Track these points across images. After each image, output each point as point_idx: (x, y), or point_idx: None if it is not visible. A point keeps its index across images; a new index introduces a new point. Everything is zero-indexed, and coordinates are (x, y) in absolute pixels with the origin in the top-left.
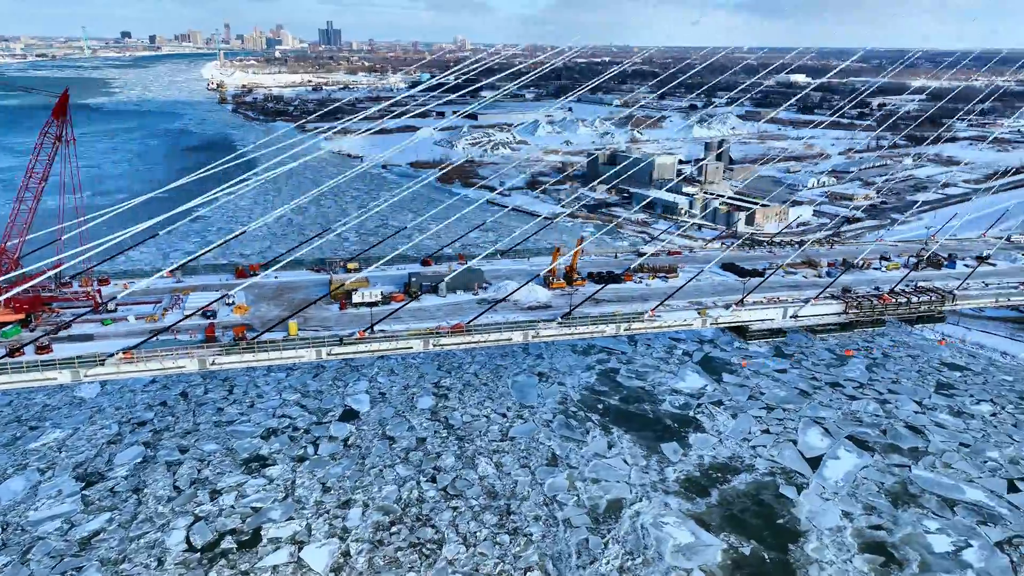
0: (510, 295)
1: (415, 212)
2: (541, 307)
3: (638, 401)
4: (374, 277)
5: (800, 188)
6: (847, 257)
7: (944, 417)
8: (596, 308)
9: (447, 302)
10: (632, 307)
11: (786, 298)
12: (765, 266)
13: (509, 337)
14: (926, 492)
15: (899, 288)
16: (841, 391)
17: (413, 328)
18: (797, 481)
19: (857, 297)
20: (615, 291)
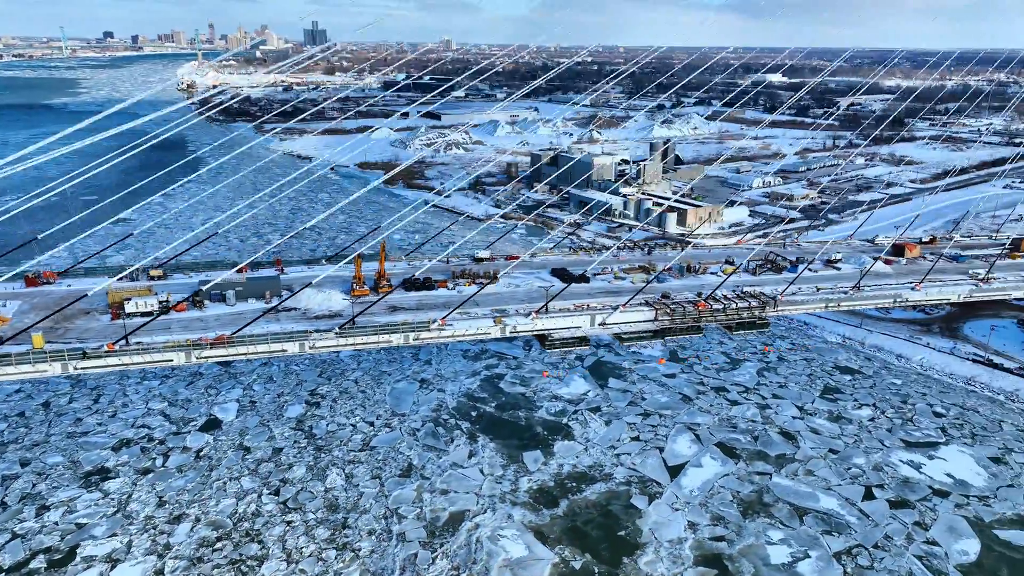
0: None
1: (347, 213)
2: (332, 316)
3: (514, 408)
4: (187, 286)
5: (744, 188)
6: (690, 261)
7: (821, 422)
8: (396, 316)
9: (233, 311)
10: (433, 315)
11: (596, 305)
12: (597, 271)
13: (283, 348)
14: (780, 501)
15: (722, 294)
16: (725, 396)
17: (174, 340)
18: (652, 491)
19: (670, 303)
20: (419, 299)
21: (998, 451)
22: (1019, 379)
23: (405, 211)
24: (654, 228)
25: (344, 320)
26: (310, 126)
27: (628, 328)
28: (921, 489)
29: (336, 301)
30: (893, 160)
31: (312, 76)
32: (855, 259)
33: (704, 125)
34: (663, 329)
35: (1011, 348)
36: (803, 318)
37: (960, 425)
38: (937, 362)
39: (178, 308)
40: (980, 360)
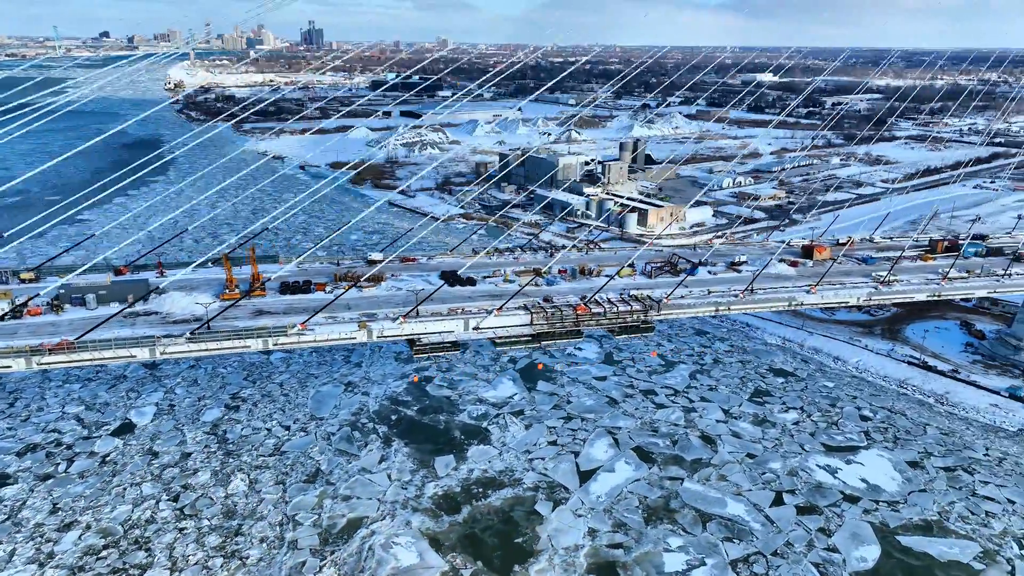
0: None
1: (308, 213)
2: (196, 320)
3: (436, 412)
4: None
5: (714, 188)
6: (585, 264)
7: (744, 426)
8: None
9: (92, 316)
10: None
11: (474, 308)
12: (488, 273)
13: (131, 354)
14: (687, 507)
15: (609, 297)
16: (652, 399)
17: (16, 345)
18: (558, 496)
19: (548, 308)
20: (291, 302)
21: (917, 455)
22: (951, 382)
23: (369, 211)
24: (615, 228)
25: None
26: (289, 126)
27: (503, 332)
28: (832, 494)
29: (202, 305)
30: (869, 160)
31: (304, 75)
32: (763, 262)
33: (686, 125)
34: (540, 333)
35: (949, 350)
36: (746, 319)
37: (885, 429)
38: (873, 364)
39: (33, 312)
40: (915, 362)
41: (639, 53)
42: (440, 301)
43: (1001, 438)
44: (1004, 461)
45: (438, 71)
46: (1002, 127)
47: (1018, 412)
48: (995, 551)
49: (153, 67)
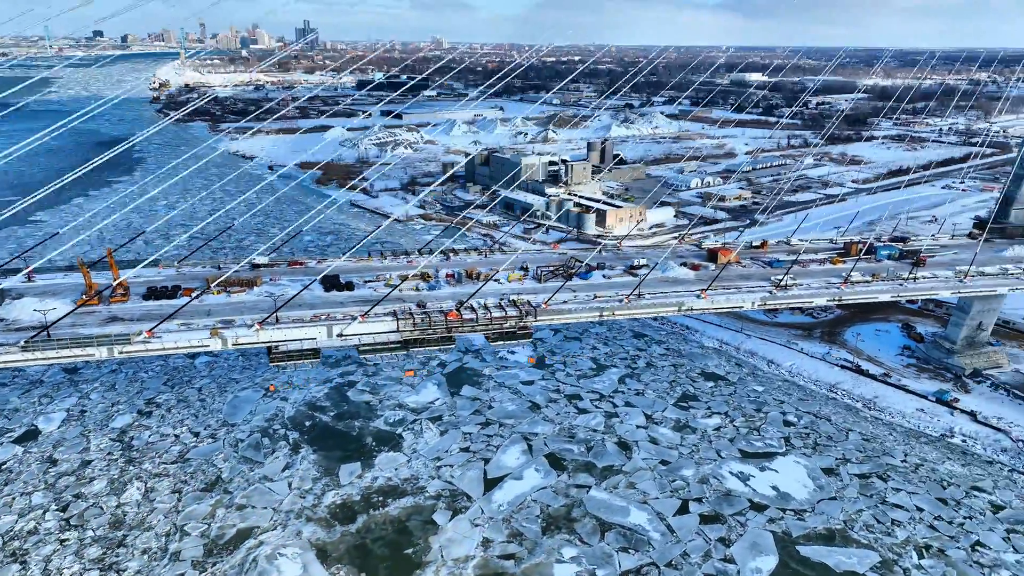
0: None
1: (266, 214)
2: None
3: (352, 418)
4: None
5: (682, 188)
6: (473, 268)
7: (663, 432)
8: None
9: None
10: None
11: (337, 315)
12: (372, 278)
13: None
14: (588, 516)
15: (486, 303)
16: (576, 404)
17: None
18: (460, 505)
19: (416, 314)
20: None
21: (834, 462)
22: (881, 386)
23: (324, 211)
24: (574, 229)
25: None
26: (266, 125)
27: (369, 340)
28: (740, 503)
29: (42, 312)
30: (843, 160)
31: (293, 75)
32: (662, 265)
33: (666, 125)
34: (409, 340)
35: (885, 353)
36: (685, 321)
37: (806, 435)
38: (806, 368)
39: None
40: (848, 366)
41: (635, 53)
42: (308, 307)
43: (922, 444)
44: (920, 468)
45: (426, 70)
46: (983, 127)
47: (943, 417)
48: (893, 561)
49: (143, 67)
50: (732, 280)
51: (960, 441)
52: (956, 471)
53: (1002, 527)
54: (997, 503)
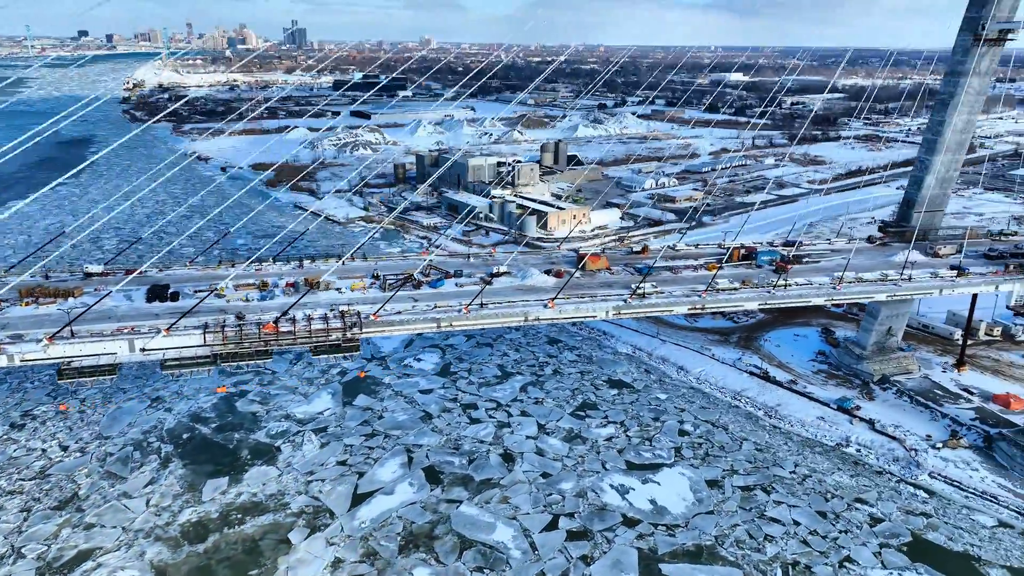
0: None
1: (203, 216)
2: None
3: (234, 429)
4: None
5: (636, 189)
6: (315, 276)
7: (552, 443)
8: None
9: None
10: None
11: (143, 328)
12: (204, 286)
13: None
14: (452, 532)
15: (311, 314)
16: (470, 414)
17: None
18: (321, 522)
19: (229, 327)
20: None
21: (721, 474)
22: (787, 393)
23: (270, 215)
24: (513, 231)
25: None
26: (230, 126)
27: (176, 354)
28: (613, 517)
29: None
30: (804, 160)
31: (273, 75)
32: (520, 272)
33: (636, 125)
34: (221, 355)
35: (798, 359)
36: (603, 327)
37: (699, 445)
38: (715, 375)
39: None
40: (756, 373)
41: (622, 53)
42: (117, 320)
43: (816, 453)
44: (808, 479)
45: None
46: None
47: (842, 425)
48: None
49: (124, 67)
50: (594, 288)
51: (855, 451)
52: (843, 482)
53: (876, 541)
54: (877, 516)
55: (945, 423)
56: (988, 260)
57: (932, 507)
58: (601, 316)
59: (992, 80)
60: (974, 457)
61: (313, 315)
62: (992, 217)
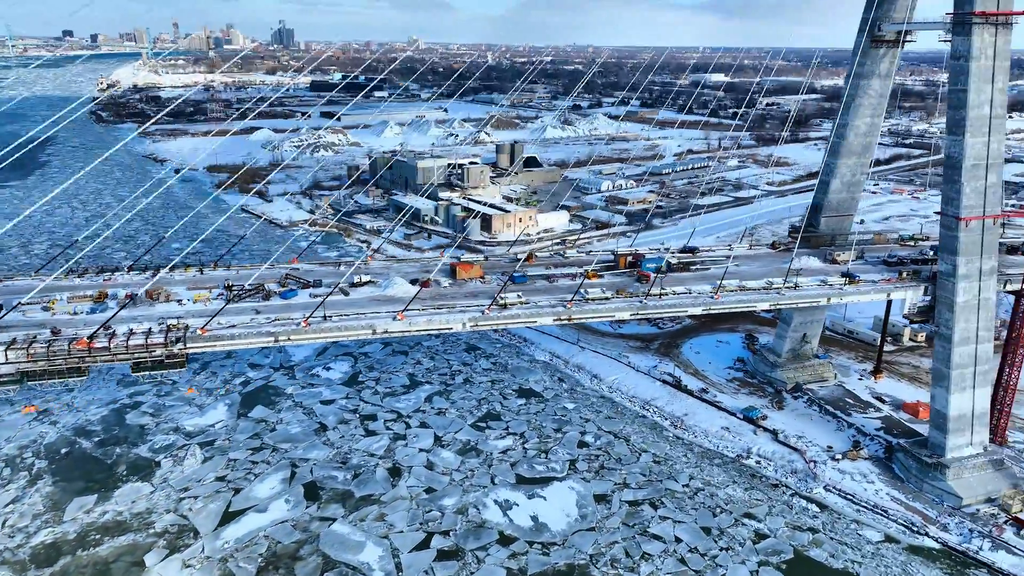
0: None
1: (144, 219)
2: None
3: (118, 443)
4: None
5: (591, 191)
6: (158, 289)
7: (446, 456)
8: None
9: None
10: None
11: None
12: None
13: None
14: (317, 552)
15: (133, 328)
16: (367, 425)
17: None
18: (183, 543)
19: (36, 343)
20: None
21: (612, 487)
22: (696, 402)
23: (212, 217)
24: (458, 234)
25: None
26: (193, 127)
27: None
28: (489, 535)
29: None
30: (768, 162)
31: (254, 75)
32: (385, 280)
33: (607, 126)
34: (28, 372)
35: (715, 366)
36: (524, 334)
37: (596, 457)
38: (628, 383)
39: None
40: (669, 381)
41: (611, 54)
42: None
43: (715, 465)
44: (700, 493)
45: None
46: (922, 128)
47: (745, 436)
48: None
49: (104, 67)
50: (458, 298)
51: (754, 463)
52: (736, 496)
53: (756, 559)
54: (763, 532)
55: (850, 433)
56: (887, 267)
57: (821, 522)
58: (457, 328)
59: (891, 82)
60: (873, 469)
61: (137, 329)
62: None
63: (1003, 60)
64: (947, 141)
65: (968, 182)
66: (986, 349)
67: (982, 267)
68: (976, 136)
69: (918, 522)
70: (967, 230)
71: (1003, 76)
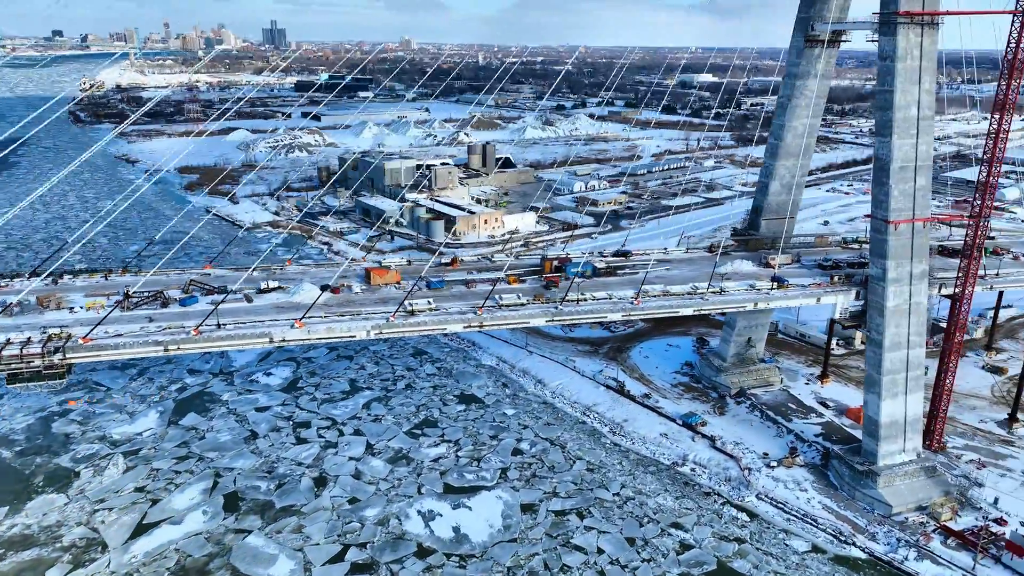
0: None
1: (107, 223)
2: None
3: (40, 452)
4: None
5: (563, 192)
6: (48, 295)
7: (374, 464)
8: None
9: None
10: None
11: None
12: None
13: None
14: (227, 567)
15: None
16: (299, 433)
17: None
18: (89, 557)
19: None
20: None
21: (541, 497)
22: (638, 408)
23: (177, 219)
24: (421, 236)
25: None
26: (171, 128)
27: None
28: (407, 547)
29: None
30: (745, 162)
31: (242, 75)
32: (296, 286)
33: (589, 126)
34: None
35: (663, 371)
36: (473, 337)
37: (529, 465)
38: (572, 388)
39: None
40: (612, 387)
41: (602, 54)
42: None
43: (649, 473)
44: (630, 502)
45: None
46: None
47: (683, 442)
48: None
49: (92, 67)
50: (368, 305)
51: (689, 470)
52: (666, 505)
53: (677, 571)
54: (689, 542)
55: (789, 439)
56: (823, 270)
57: (750, 531)
58: (361, 336)
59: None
60: (808, 476)
61: (15, 339)
62: None
63: (930, 61)
64: (876, 143)
65: (896, 184)
66: (918, 354)
67: (913, 271)
68: (903, 138)
69: (847, 531)
70: (896, 233)
71: (930, 77)
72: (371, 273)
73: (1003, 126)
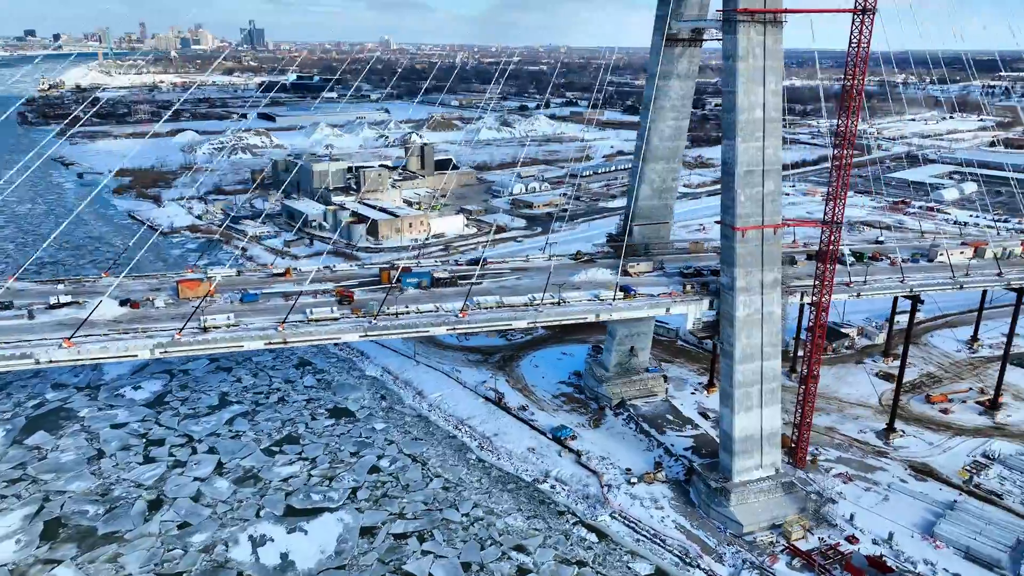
0: None
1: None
2: None
3: None
4: None
5: (503, 194)
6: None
7: (220, 485)
8: None
9: None
10: None
11: None
12: None
13: None
14: None
15: None
16: (151, 451)
17: None
18: None
19: None
20: None
21: (386, 519)
22: (512, 421)
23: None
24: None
25: None
26: (119, 129)
27: None
28: (267, 571)
29: None
30: (694, 162)
31: (212, 76)
32: (228, 296)
33: (547, 127)
34: None
35: (547, 381)
36: (362, 347)
37: (384, 484)
38: (451, 400)
39: None
40: (491, 399)
41: (584, 55)
42: None
43: (507, 491)
44: (479, 523)
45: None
46: (862, 127)
47: (549, 457)
48: None
49: (61, 67)
50: (164, 320)
51: (549, 487)
52: (514, 526)
53: None
54: (527, 566)
55: (658, 454)
56: (684, 278)
57: (595, 553)
58: (144, 355)
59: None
60: (667, 493)
61: None
62: None
63: (774, 60)
64: (722, 146)
65: (742, 189)
66: (773, 365)
67: (764, 279)
68: (749, 141)
69: (693, 552)
70: (744, 240)
71: (775, 77)
72: (181, 286)
73: (848, 131)
